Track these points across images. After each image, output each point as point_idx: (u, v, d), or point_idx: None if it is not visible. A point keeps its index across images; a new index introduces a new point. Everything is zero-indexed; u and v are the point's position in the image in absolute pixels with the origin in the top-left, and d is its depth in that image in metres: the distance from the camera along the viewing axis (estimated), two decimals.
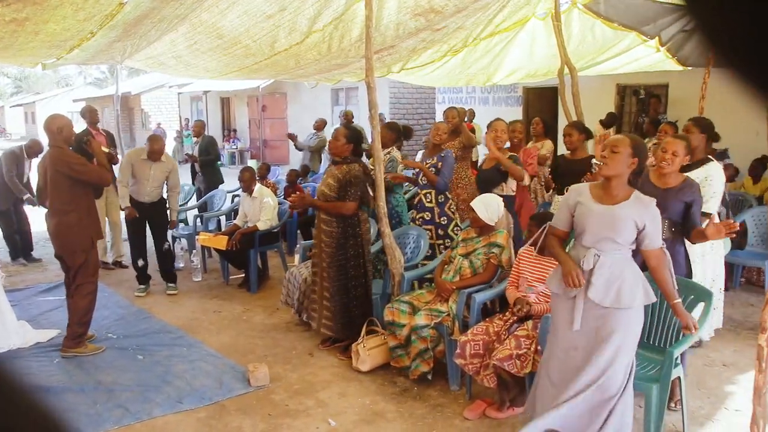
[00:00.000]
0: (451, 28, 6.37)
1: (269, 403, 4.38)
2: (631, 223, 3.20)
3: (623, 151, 3.22)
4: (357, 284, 5.06)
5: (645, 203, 3.25)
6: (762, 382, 3.17)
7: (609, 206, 3.25)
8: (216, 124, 23.77)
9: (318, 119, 12.32)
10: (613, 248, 3.23)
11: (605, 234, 3.22)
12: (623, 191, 3.27)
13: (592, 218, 3.27)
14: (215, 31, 5.56)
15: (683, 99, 9.85)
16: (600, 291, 3.22)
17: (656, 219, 3.25)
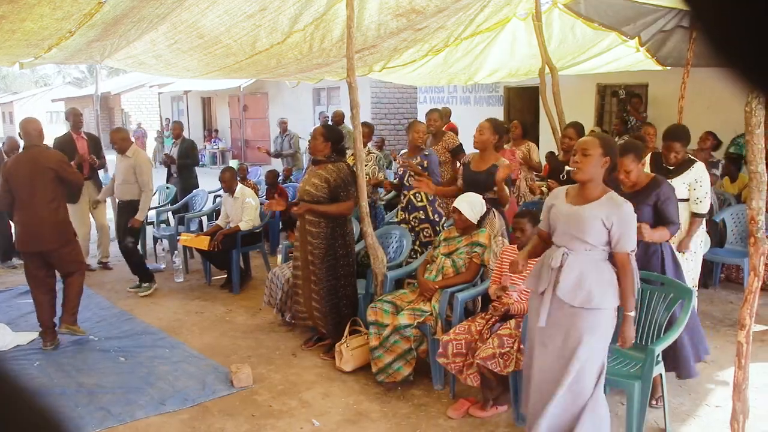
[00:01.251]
0: (432, 28, 6.39)
1: (253, 404, 4.37)
2: (598, 222, 3.16)
3: (594, 153, 3.20)
4: (346, 283, 5.06)
5: (617, 203, 3.20)
6: (741, 378, 3.21)
7: (577, 206, 3.25)
8: (197, 124, 23.65)
9: (280, 120, 12.32)
10: (583, 248, 3.22)
11: (573, 233, 3.23)
12: (597, 191, 3.26)
13: (562, 218, 3.29)
14: (196, 31, 5.53)
15: (663, 99, 9.95)
16: (568, 290, 3.21)
17: (626, 220, 3.18)
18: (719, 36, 0.49)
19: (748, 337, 3.19)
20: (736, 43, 0.47)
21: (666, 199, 4.03)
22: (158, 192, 9.60)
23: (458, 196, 4.80)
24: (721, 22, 0.48)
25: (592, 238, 3.19)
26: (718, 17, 0.48)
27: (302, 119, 16.56)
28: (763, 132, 3.11)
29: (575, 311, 3.22)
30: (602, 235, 3.19)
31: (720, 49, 0.48)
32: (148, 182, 6.97)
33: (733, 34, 0.47)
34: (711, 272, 6.73)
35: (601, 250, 3.23)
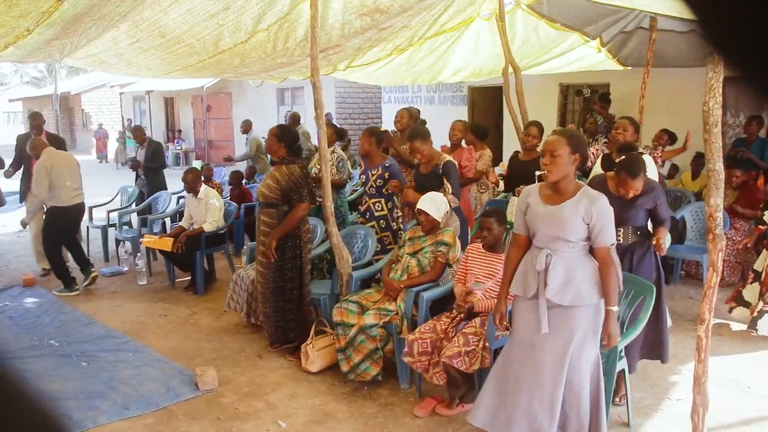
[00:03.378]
0: (397, 28, 6.40)
1: (218, 406, 4.33)
2: (578, 219, 3.17)
3: (563, 152, 3.19)
4: (292, 286, 5.03)
5: (592, 197, 3.20)
6: (701, 372, 3.27)
7: (555, 206, 3.25)
8: (159, 124, 23.36)
9: (243, 121, 12.27)
10: (565, 247, 3.22)
11: (555, 234, 3.23)
12: (570, 188, 3.26)
13: (540, 220, 3.28)
14: (158, 29, 5.46)
15: (624, 98, 10.09)
16: (557, 290, 3.21)
17: (603, 213, 3.17)
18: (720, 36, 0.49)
19: (708, 332, 3.25)
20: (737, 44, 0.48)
21: (662, 201, 4.12)
22: (120, 193, 9.47)
23: (419, 199, 4.81)
24: (722, 22, 0.48)
25: (573, 235, 3.20)
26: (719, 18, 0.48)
27: (266, 119, 16.43)
28: (720, 131, 3.16)
29: (565, 310, 3.23)
30: (583, 231, 3.20)
31: (720, 50, 0.49)
32: (34, 186, 6.89)
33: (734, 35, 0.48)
34: (672, 269, 6.85)
35: (582, 245, 3.25)
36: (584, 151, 3.30)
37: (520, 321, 3.41)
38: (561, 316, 3.25)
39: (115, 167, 22.40)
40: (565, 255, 3.23)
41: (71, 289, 6.97)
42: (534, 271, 3.28)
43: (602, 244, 3.20)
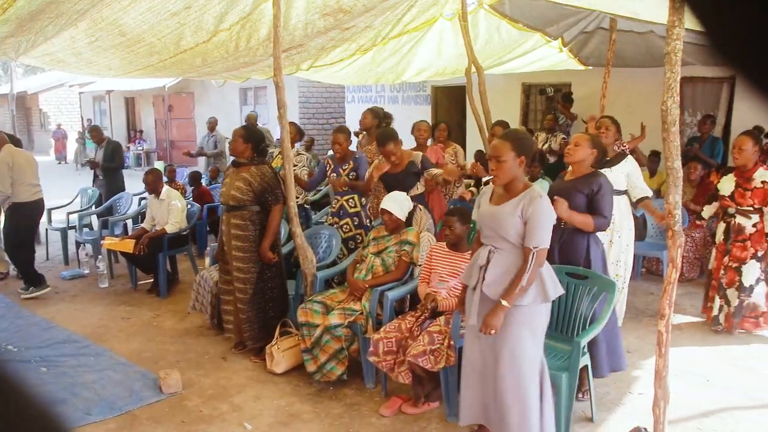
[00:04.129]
0: (360, 28, 6.39)
1: (182, 409, 4.28)
2: (515, 218, 3.19)
3: (507, 156, 3.21)
4: (274, 285, 5.02)
5: (532, 198, 3.21)
6: (662, 366, 3.33)
7: (496, 206, 3.31)
8: (120, 124, 23.01)
9: (210, 119, 12.18)
10: (506, 245, 3.26)
11: (494, 232, 3.28)
12: (520, 188, 3.29)
13: (483, 218, 3.37)
14: (117, 28, 5.37)
15: (585, 97, 10.23)
16: (491, 286, 3.25)
17: (538, 214, 3.16)
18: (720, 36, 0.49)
19: (668, 326, 3.31)
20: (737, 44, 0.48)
21: (602, 192, 4.12)
22: (80, 195, 9.31)
23: (383, 199, 4.82)
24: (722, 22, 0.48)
25: (512, 236, 3.22)
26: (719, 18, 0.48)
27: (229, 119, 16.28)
28: (678, 129, 3.22)
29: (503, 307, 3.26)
30: (521, 231, 3.21)
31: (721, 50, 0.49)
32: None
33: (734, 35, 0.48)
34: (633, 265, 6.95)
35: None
36: (528, 149, 3.32)
37: (466, 311, 3.50)
38: None
39: (75, 168, 22.02)
40: (506, 253, 3.27)
41: (42, 288, 6.84)
42: (477, 265, 3.35)
43: (527, 244, 3.18)
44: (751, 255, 5.30)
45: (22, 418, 0.50)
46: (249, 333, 5.02)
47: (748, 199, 5.25)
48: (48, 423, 0.51)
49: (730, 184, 5.36)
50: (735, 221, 5.33)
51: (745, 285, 5.35)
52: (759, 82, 0.48)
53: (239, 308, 5.00)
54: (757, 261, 5.31)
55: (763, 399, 4.37)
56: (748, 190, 5.24)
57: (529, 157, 3.32)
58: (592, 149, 4.22)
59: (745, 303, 5.35)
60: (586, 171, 4.25)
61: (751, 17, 0.45)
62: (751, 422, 4.06)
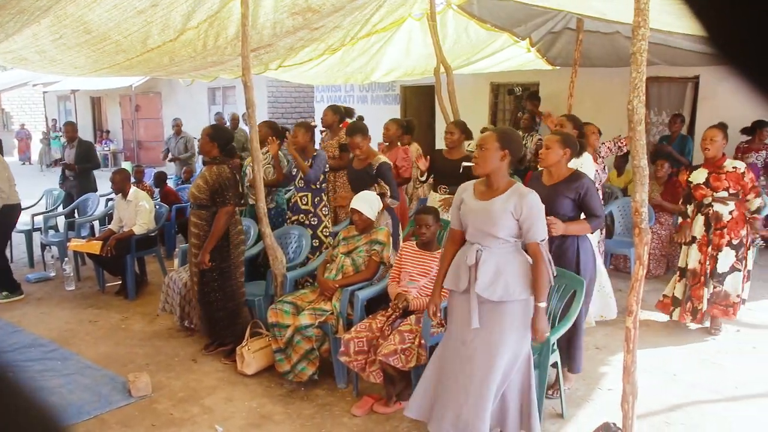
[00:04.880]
0: (329, 27, 6.38)
1: (152, 413, 4.23)
2: (507, 215, 3.22)
3: (491, 146, 3.28)
4: (217, 287, 4.96)
5: (521, 193, 3.25)
6: (630, 362, 3.37)
7: (485, 201, 3.30)
8: (86, 124, 22.65)
9: (174, 120, 12.10)
10: (496, 243, 3.27)
11: (484, 229, 3.27)
12: (503, 185, 3.32)
13: (472, 215, 3.34)
14: (83, 26, 5.29)
15: (553, 97, 10.31)
16: (486, 286, 3.25)
17: (533, 210, 3.22)
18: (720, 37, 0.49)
19: (635, 323, 3.35)
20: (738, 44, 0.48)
21: (589, 193, 4.14)
22: (45, 196, 9.15)
23: (353, 198, 4.83)
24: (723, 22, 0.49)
25: (503, 231, 3.24)
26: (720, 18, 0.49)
27: (197, 119, 16.15)
28: (644, 128, 3.27)
29: (495, 305, 3.27)
30: (513, 228, 3.24)
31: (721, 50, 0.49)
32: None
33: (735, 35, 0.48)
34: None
35: (513, 242, 3.30)
36: (515, 148, 3.35)
37: (454, 316, 3.46)
38: (491, 311, 3.29)
39: (40, 169, 21.63)
40: (495, 250, 3.28)
41: (17, 294, 6.71)
42: (465, 265, 3.33)
43: (532, 239, 3.24)
44: (727, 242, 5.39)
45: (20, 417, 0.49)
46: (202, 329, 5.03)
47: (723, 181, 5.31)
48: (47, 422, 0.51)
49: (702, 174, 5.44)
50: (712, 210, 5.39)
51: (719, 272, 5.42)
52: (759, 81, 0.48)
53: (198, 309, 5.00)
54: (732, 249, 5.39)
55: (727, 393, 4.46)
56: (722, 173, 5.32)
57: (514, 155, 3.34)
58: (564, 149, 4.21)
59: (717, 290, 5.44)
60: (566, 173, 4.24)
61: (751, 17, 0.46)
62: (716, 415, 4.14)
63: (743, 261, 5.43)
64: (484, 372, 3.28)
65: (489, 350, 3.28)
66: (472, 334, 3.31)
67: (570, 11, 6.89)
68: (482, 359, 3.29)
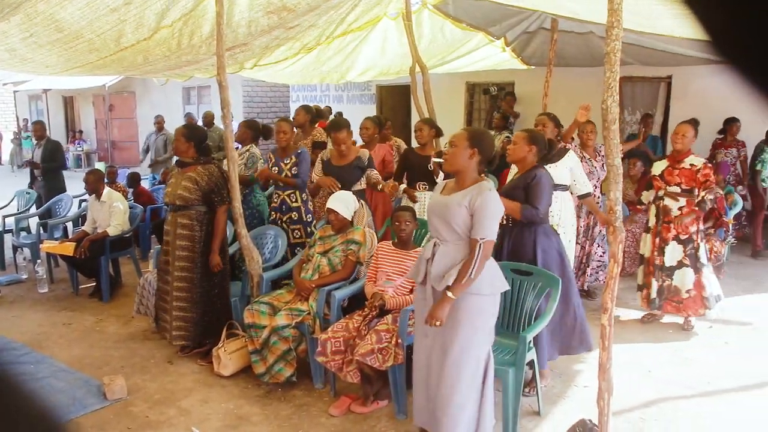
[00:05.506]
0: (304, 26, 6.36)
1: (128, 416, 4.19)
2: (462, 209, 3.22)
3: (460, 144, 3.31)
4: (219, 287, 4.95)
5: (480, 190, 3.25)
6: (605, 359, 3.41)
7: (447, 196, 3.35)
8: (59, 124, 22.37)
9: (156, 117, 12.01)
10: (452, 237, 3.28)
11: (440, 222, 3.31)
12: (469, 182, 3.34)
13: (431, 209, 3.40)
14: (54, 24, 5.21)
15: (528, 96, 10.40)
16: (438, 278, 3.26)
17: (485, 206, 3.19)
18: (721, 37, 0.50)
19: (611, 320, 3.38)
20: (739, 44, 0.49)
21: (535, 182, 4.17)
22: (17, 197, 9.02)
23: (330, 197, 4.82)
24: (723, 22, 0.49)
25: (457, 226, 3.25)
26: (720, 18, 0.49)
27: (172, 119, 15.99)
28: (618, 127, 3.30)
29: (455, 301, 3.26)
30: (468, 223, 3.24)
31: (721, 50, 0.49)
32: None
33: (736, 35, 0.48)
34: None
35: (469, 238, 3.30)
36: (485, 148, 3.36)
37: (417, 308, 3.51)
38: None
39: (11, 170, 21.31)
40: (451, 245, 3.29)
41: None
42: (423, 258, 3.38)
43: (474, 235, 3.21)
44: (673, 237, 5.51)
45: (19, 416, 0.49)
46: (191, 334, 4.96)
47: (675, 177, 5.48)
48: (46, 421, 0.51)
49: (662, 165, 5.62)
50: (662, 203, 5.54)
51: (666, 266, 5.57)
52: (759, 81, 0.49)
53: (183, 309, 4.92)
54: (679, 243, 5.51)
55: (700, 388, 4.51)
56: (677, 169, 5.46)
57: (484, 155, 3.35)
58: (530, 146, 4.27)
59: (665, 284, 5.55)
60: (531, 165, 4.33)
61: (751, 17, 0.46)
62: (689, 411, 4.19)
63: (693, 257, 5.52)
64: (441, 366, 3.30)
65: (443, 344, 3.30)
66: (429, 328, 3.31)
67: (544, 11, 6.94)
68: (440, 353, 3.32)
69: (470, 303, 3.26)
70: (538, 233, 4.25)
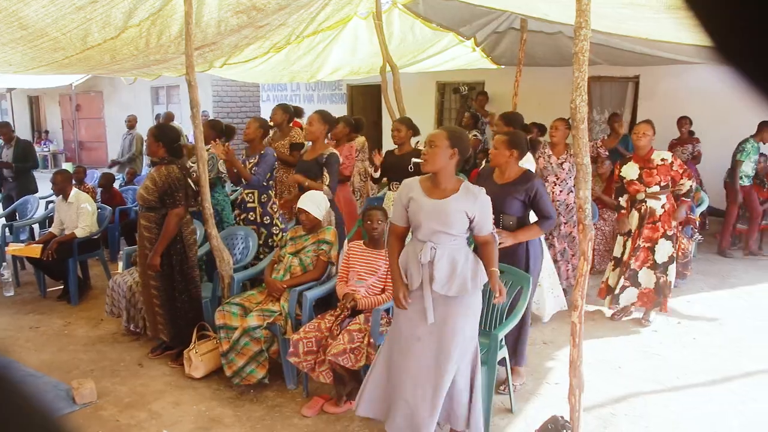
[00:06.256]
0: (274, 25, 6.32)
1: (98, 420, 4.14)
2: (462, 214, 3.26)
3: (441, 144, 3.29)
4: (183, 289, 4.88)
5: (474, 193, 3.30)
6: (576, 356, 3.44)
7: (439, 200, 3.31)
8: (24, 124, 21.99)
9: (129, 116, 11.90)
10: (448, 239, 3.29)
11: (438, 228, 3.28)
12: (451, 183, 3.34)
13: (425, 213, 3.32)
14: (17, 21, 5.11)
15: (498, 96, 10.46)
16: (444, 282, 3.28)
17: (485, 208, 3.32)
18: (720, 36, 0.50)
19: (581, 317, 3.41)
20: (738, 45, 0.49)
21: (537, 194, 4.20)
22: None
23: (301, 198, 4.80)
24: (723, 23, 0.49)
25: (456, 229, 3.28)
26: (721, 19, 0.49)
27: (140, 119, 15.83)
28: (587, 126, 3.33)
29: (447, 300, 3.30)
30: (465, 225, 3.31)
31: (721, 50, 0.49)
32: None
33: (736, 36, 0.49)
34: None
35: (463, 237, 3.36)
36: (464, 148, 3.38)
37: (404, 313, 3.44)
38: (443, 306, 3.32)
39: None
40: (448, 247, 3.31)
41: None
42: (417, 263, 3.33)
43: (486, 232, 3.37)
44: (662, 234, 5.61)
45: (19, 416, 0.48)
46: (167, 334, 4.92)
47: (655, 176, 5.55)
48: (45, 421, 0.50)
49: (633, 169, 5.67)
50: (646, 206, 5.60)
51: (659, 262, 5.64)
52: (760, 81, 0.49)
53: (156, 310, 4.88)
54: (667, 240, 5.60)
55: (668, 382, 4.58)
56: (653, 169, 5.54)
57: (462, 154, 3.37)
58: (510, 150, 4.25)
59: (661, 281, 5.63)
60: (517, 173, 4.30)
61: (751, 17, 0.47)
62: (658, 405, 4.25)
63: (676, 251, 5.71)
64: (439, 368, 3.32)
65: (443, 345, 3.31)
66: (427, 330, 3.33)
67: (514, 12, 6.98)
68: (437, 356, 3.32)
69: (467, 301, 3.35)
70: (528, 244, 4.28)
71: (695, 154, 8.56)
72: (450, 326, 3.31)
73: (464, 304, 3.34)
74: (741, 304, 6.36)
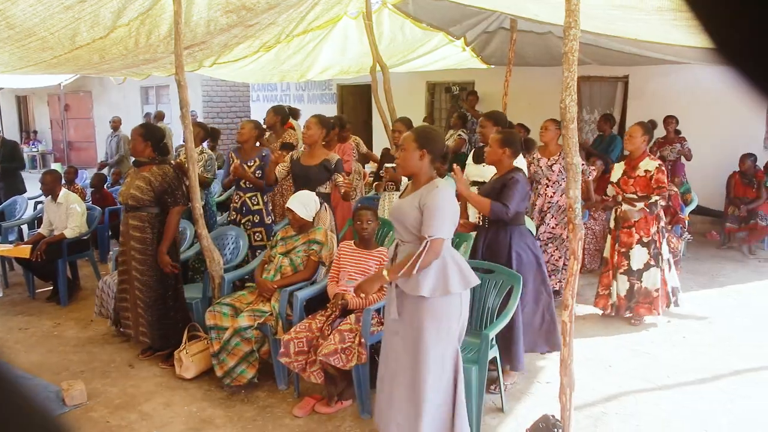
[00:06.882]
0: (264, 24, 6.31)
1: (88, 421, 4.12)
2: (415, 210, 3.20)
3: (408, 147, 3.27)
4: (173, 290, 4.88)
5: (430, 189, 3.23)
6: (567, 355, 3.45)
7: (403, 198, 3.37)
8: (12, 124, 21.87)
9: (113, 117, 11.87)
10: (412, 238, 3.25)
11: (397, 225, 3.32)
12: (422, 182, 3.31)
13: (392, 212, 3.41)
14: (5, 20, 5.07)
15: (488, 95, 10.48)
16: (404, 280, 3.23)
17: (433, 206, 3.15)
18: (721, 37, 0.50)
19: (571, 316, 3.42)
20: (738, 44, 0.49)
21: (510, 183, 4.22)
22: None
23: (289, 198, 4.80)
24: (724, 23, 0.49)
25: (413, 227, 3.22)
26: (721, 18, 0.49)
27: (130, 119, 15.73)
28: (576, 126, 3.34)
29: (414, 300, 3.24)
30: (421, 222, 3.20)
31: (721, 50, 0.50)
32: None
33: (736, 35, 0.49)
34: None
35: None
36: (435, 147, 3.30)
37: (387, 307, 3.47)
38: (412, 304, 3.26)
39: None
40: (410, 246, 3.27)
41: None
42: (389, 258, 3.40)
43: (422, 232, 3.17)
44: (637, 240, 5.64)
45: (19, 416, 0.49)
46: (151, 336, 4.90)
47: (630, 186, 5.61)
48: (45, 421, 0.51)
49: (619, 171, 5.73)
50: (621, 209, 5.65)
51: (633, 269, 5.68)
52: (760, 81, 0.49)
53: (140, 312, 4.86)
54: (643, 246, 5.62)
55: (658, 381, 4.61)
56: (632, 177, 5.59)
57: (434, 153, 3.31)
58: (503, 148, 4.31)
59: (636, 287, 5.65)
60: (507, 169, 4.37)
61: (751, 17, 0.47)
62: (649, 404, 4.27)
63: (658, 257, 5.65)
64: (412, 364, 3.27)
65: (413, 343, 3.26)
66: (401, 325, 3.31)
67: (504, 12, 7.00)
68: (409, 353, 3.29)
69: (434, 303, 3.23)
70: (513, 235, 4.29)
71: (684, 153, 8.61)
72: (415, 327, 3.24)
73: (432, 306, 3.22)
74: (730, 302, 6.40)
